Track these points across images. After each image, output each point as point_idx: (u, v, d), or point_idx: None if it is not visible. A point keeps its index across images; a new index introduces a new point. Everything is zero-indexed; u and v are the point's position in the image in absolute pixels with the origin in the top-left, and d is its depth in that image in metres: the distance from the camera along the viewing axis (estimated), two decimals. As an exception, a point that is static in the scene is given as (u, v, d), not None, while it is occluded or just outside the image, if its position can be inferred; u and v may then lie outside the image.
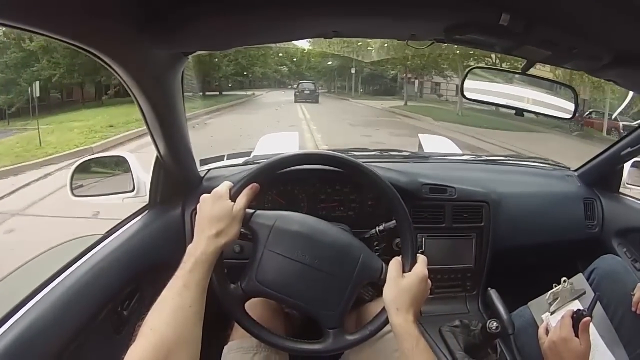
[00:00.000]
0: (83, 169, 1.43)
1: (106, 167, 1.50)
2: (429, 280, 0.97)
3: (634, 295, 1.22)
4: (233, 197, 0.96)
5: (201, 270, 0.87)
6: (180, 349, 0.79)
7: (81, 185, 1.43)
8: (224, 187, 0.97)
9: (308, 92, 23.17)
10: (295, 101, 21.89)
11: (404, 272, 0.97)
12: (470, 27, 0.78)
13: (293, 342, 1.00)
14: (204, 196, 0.97)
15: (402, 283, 0.94)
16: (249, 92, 28.21)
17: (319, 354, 0.98)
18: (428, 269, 0.97)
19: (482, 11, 0.75)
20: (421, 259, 0.99)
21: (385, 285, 0.96)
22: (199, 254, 0.88)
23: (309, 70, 34.27)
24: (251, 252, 0.99)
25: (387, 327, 1.02)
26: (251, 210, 1.00)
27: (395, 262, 0.98)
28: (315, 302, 0.98)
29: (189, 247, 0.91)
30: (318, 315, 0.99)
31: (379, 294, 0.97)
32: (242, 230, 0.96)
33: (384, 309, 0.95)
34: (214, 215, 0.93)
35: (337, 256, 0.98)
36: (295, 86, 25.58)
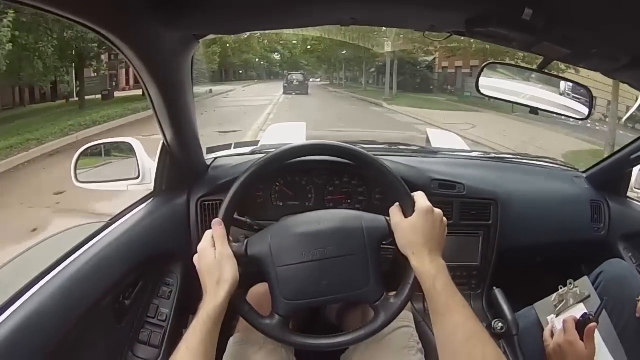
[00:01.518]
0: (88, 155, 1.42)
1: (111, 153, 1.48)
2: (436, 210, 0.96)
3: (639, 300, 1.21)
4: (225, 221, 0.96)
5: (203, 330, 0.86)
6: None
7: (86, 171, 1.43)
8: (206, 236, 0.96)
9: (297, 83, 23.03)
10: (284, 92, 21.54)
11: (405, 215, 0.95)
12: (492, 20, 0.77)
13: (346, 334, 0.97)
14: (195, 257, 0.96)
15: (406, 225, 0.94)
16: (229, 87, 24.51)
17: (380, 330, 0.96)
18: None
19: (505, 4, 0.74)
20: (419, 194, 0.98)
21: (394, 234, 0.95)
22: (200, 314, 0.88)
23: (306, 54, 31.59)
24: (266, 278, 0.97)
25: (400, 322, 1.02)
26: (242, 241, 0.99)
27: (395, 209, 0.97)
28: (348, 288, 0.96)
29: (199, 306, 0.91)
30: (358, 297, 0.98)
31: (397, 246, 0.96)
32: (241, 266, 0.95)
33: (407, 263, 0.94)
34: (208, 266, 0.92)
35: (342, 235, 0.97)
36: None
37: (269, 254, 0.96)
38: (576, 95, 1.16)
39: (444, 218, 0.98)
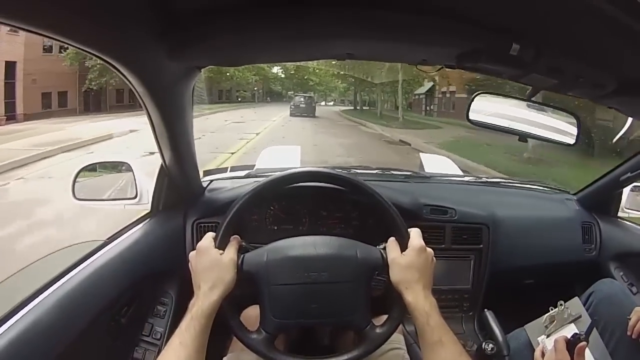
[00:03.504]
0: (87, 173, 1.44)
1: (110, 173, 1.50)
2: (429, 249, 0.97)
3: (630, 319, 1.23)
4: (219, 245, 0.96)
5: (197, 328, 0.87)
6: None
7: (84, 189, 1.44)
8: (207, 238, 0.97)
9: (304, 105, 22.92)
10: (291, 115, 21.44)
11: (401, 250, 0.97)
12: (482, 55, 0.79)
13: (334, 357, 0.98)
14: (191, 254, 0.97)
15: (403, 261, 0.95)
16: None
17: (363, 357, 0.97)
18: None
19: (494, 41, 0.76)
20: (415, 232, 0.99)
21: (389, 268, 0.96)
22: (195, 311, 0.88)
23: (312, 77, 30.68)
24: (258, 295, 0.98)
25: (391, 345, 1.03)
26: (239, 256, 0.99)
27: (392, 243, 0.98)
28: (337, 313, 0.97)
29: (190, 304, 0.91)
30: (345, 323, 0.99)
31: (389, 279, 0.97)
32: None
33: (398, 297, 0.95)
34: (204, 268, 0.93)
35: (336, 262, 0.98)
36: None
37: (265, 272, 0.97)
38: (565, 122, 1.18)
39: (434, 257, 1.00)
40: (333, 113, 29.32)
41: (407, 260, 0.95)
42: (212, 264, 0.93)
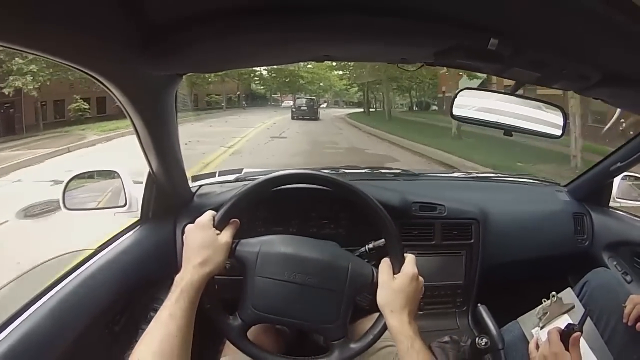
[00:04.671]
0: (76, 182, 1.44)
1: (99, 182, 1.50)
2: (420, 278, 0.98)
3: (625, 307, 1.23)
4: (217, 226, 0.97)
5: (187, 300, 0.87)
6: None
7: (74, 198, 1.44)
8: (207, 216, 0.98)
9: (305, 108, 22.11)
10: (292, 118, 20.76)
11: (394, 273, 0.98)
12: (459, 52, 0.79)
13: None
14: (189, 226, 0.98)
15: (393, 285, 0.95)
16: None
17: None
18: None
19: (471, 36, 0.76)
20: (409, 258, 1.00)
21: (378, 289, 0.96)
22: (184, 284, 0.88)
23: (302, 74, 27.85)
24: (242, 282, 0.99)
25: (383, 342, 1.03)
26: (234, 241, 1.00)
27: (385, 265, 0.99)
28: (315, 318, 0.98)
29: (176, 277, 0.91)
30: (320, 330, 1.00)
31: (375, 299, 0.98)
32: (228, 261, 0.96)
33: (381, 313, 0.96)
34: (199, 244, 0.93)
35: (327, 269, 0.99)
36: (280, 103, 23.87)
37: (254, 261, 0.98)
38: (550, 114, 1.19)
39: (423, 287, 1.00)
40: (338, 121, 23.77)
41: (398, 285, 0.96)
42: (207, 241, 0.94)
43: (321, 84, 32.86)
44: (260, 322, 1.01)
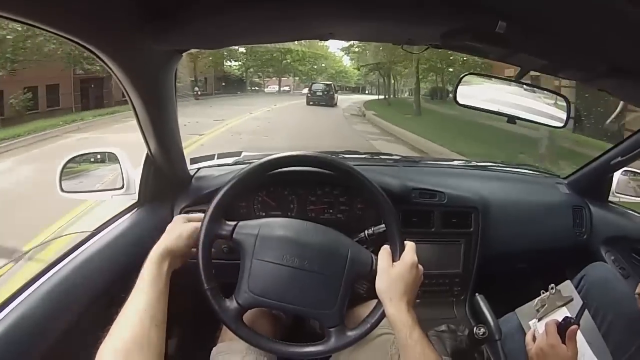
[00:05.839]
0: (72, 165, 1.42)
1: (96, 163, 1.48)
2: (420, 266, 0.98)
3: (638, 295, 1.22)
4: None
5: (152, 273, 0.91)
6: (136, 352, 0.80)
7: (70, 180, 1.42)
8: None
9: (321, 94, 20.66)
10: (308, 104, 19.58)
11: (393, 261, 0.98)
12: (467, 33, 0.78)
13: (297, 346, 0.99)
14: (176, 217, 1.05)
15: (392, 272, 0.95)
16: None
17: (325, 354, 0.98)
18: None
19: (479, 18, 0.75)
20: (409, 246, 1.00)
21: (377, 276, 0.96)
22: (150, 256, 0.94)
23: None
24: (240, 264, 0.99)
25: (381, 330, 1.03)
26: (233, 222, 1.00)
27: (384, 252, 0.99)
28: (312, 304, 0.98)
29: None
30: (317, 316, 0.99)
31: (373, 286, 0.98)
32: (225, 246, 0.96)
33: (379, 301, 0.96)
34: (168, 229, 1.01)
35: (326, 255, 0.98)
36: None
37: (253, 244, 0.98)
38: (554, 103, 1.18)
39: (422, 275, 1.00)
40: (356, 117, 16.22)
41: (397, 272, 0.96)
42: (176, 227, 1.01)
43: (315, 66, 28.28)
44: (256, 306, 1.01)
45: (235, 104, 17.77)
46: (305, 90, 23.01)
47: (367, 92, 27.99)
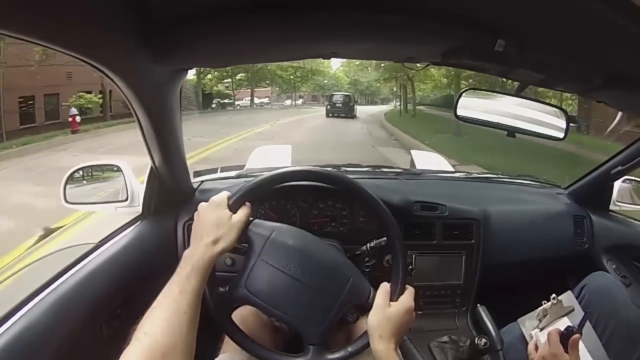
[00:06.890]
0: (77, 176, 1.43)
1: (100, 176, 1.49)
2: (413, 313, 0.98)
3: None
4: (231, 207, 0.96)
5: (197, 277, 0.87)
6: (174, 354, 0.79)
7: (75, 192, 1.43)
8: (222, 195, 0.98)
9: (340, 105, 20.37)
10: (327, 115, 19.46)
11: (391, 300, 0.97)
12: (466, 52, 0.80)
13: (273, 353, 1.00)
14: (202, 204, 0.97)
15: (388, 311, 0.95)
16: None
17: None
18: (418, 285, 0.99)
19: (478, 37, 0.77)
20: (409, 291, 1.00)
21: (372, 310, 0.96)
22: (196, 261, 0.88)
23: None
24: (244, 260, 0.99)
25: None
26: (249, 218, 1.00)
27: (383, 290, 0.98)
28: (300, 317, 0.98)
29: (186, 253, 0.91)
30: (302, 329, 0.99)
31: (363, 316, 0.98)
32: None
33: (366, 332, 0.96)
34: (212, 222, 0.93)
35: (328, 275, 0.99)
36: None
37: (262, 244, 0.98)
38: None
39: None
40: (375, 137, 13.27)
41: (392, 312, 0.95)
42: (220, 221, 0.93)
43: (297, 72, 24.00)
44: (246, 303, 1.01)
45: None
46: (288, 102, 22.79)
47: (376, 102, 27.44)
